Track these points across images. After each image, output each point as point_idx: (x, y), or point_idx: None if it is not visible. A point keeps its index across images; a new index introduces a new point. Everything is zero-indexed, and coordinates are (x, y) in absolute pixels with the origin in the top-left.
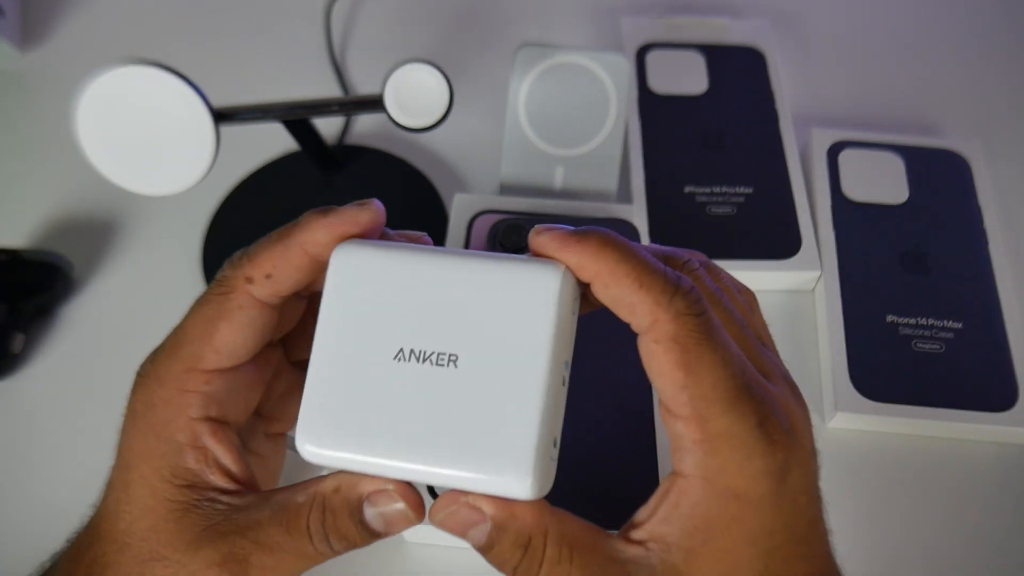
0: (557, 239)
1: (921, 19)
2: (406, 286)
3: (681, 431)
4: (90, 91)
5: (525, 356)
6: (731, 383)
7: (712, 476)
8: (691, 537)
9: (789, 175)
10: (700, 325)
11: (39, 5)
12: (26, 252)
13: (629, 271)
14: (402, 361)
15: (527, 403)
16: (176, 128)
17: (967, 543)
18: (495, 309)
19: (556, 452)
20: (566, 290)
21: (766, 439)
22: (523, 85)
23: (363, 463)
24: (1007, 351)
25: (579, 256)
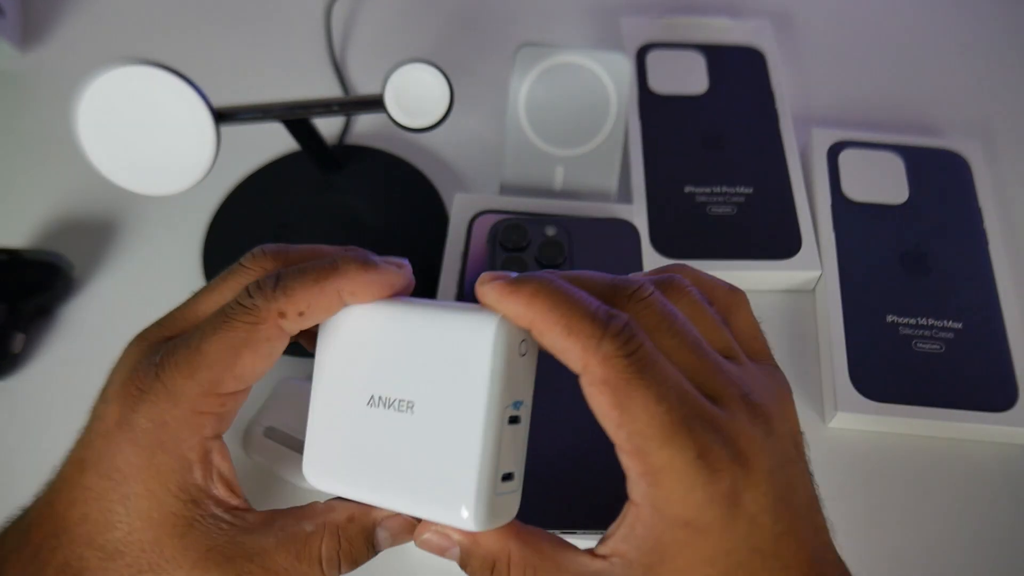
0: (495, 290)
1: (921, 19)
2: (376, 338)
3: (627, 463)
4: (90, 91)
5: (467, 400)
6: (665, 418)
7: (659, 505)
8: (648, 556)
9: (789, 175)
10: (629, 365)
11: (39, 5)
12: (26, 252)
13: (558, 319)
14: (374, 407)
15: (468, 444)
16: (176, 128)
17: (967, 543)
18: (443, 357)
19: (515, 484)
20: (503, 337)
21: (707, 469)
22: (523, 85)
23: (354, 496)
24: (1007, 351)
25: (514, 306)
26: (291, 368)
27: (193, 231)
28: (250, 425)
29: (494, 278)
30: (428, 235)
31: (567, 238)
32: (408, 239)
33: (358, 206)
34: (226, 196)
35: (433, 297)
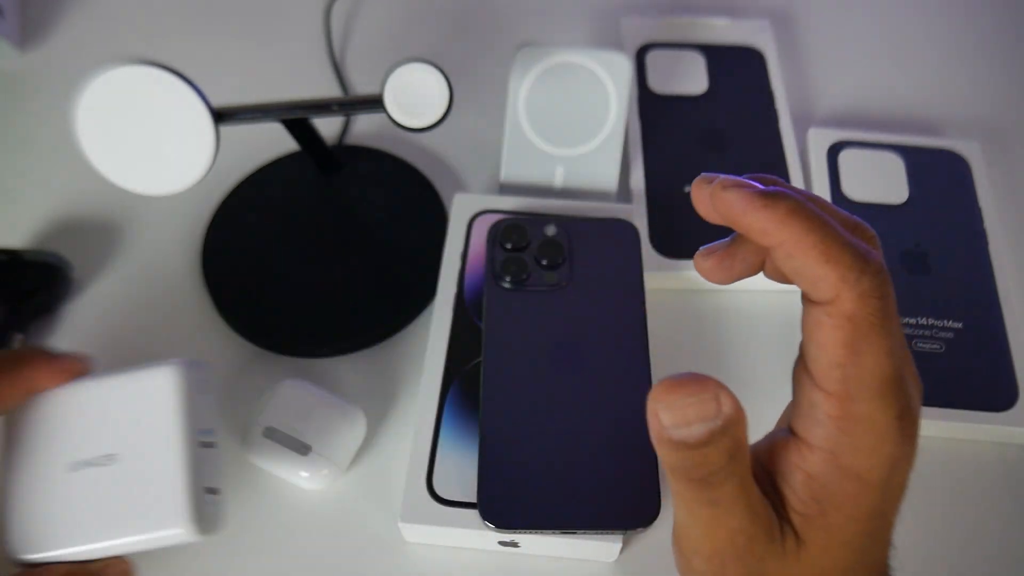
0: (744, 200)
1: (921, 19)
2: (67, 412)
3: (819, 402)
4: (90, 91)
5: (162, 438)
6: (888, 372)
7: (839, 452)
8: (806, 505)
9: (789, 175)
10: (880, 309)
11: (39, 5)
12: (26, 252)
13: (816, 242)
14: (76, 471)
15: (173, 470)
16: (176, 128)
17: (966, 543)
18: (134, 409)
19: (220, 497)
20: (182, 377)
21: (900, 431)
22: (523, 85)
23: (73, 554)
24: (1007, 351)
25: (764, 222)
26: (291, 368)
27: (193, 231)
28: (249, 425)
29: (739, 185)
30: (428, 235)
31: (567, 238)
32: (408, 239)
33: (358, 206)
34: (226, 196)
35: (433, 296)
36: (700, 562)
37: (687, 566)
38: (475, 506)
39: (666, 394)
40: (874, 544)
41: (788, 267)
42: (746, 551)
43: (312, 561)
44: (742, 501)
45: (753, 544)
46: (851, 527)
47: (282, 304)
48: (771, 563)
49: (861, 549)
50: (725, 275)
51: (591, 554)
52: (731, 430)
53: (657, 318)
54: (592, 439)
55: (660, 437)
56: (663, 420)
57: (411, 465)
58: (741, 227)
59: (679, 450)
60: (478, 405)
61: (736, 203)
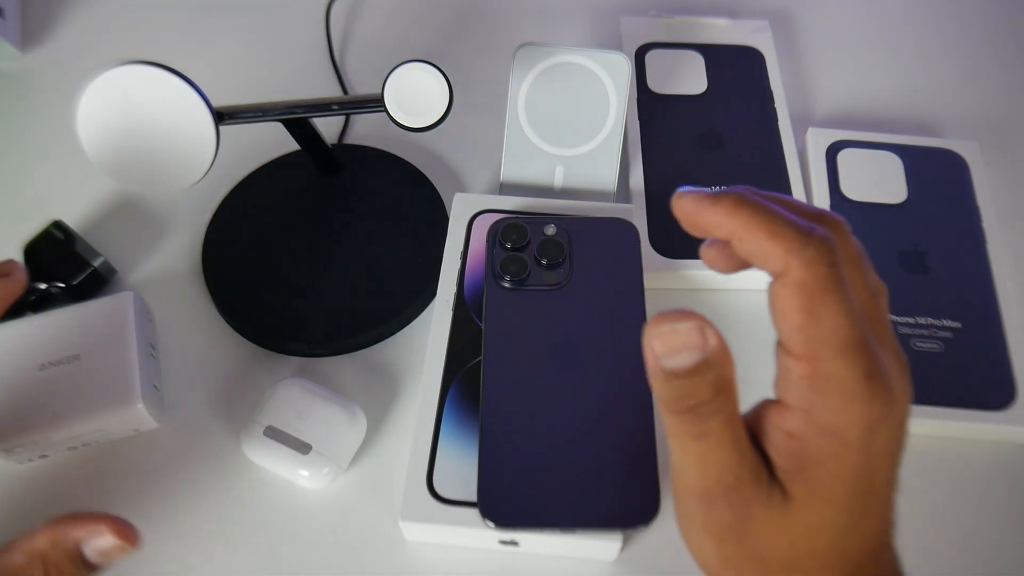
0: (694, 202)
1: (920, 19)
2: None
3: (790, 366)
4: (91, 90)
5: (119, 343)
6: (848, 332)
7: (813, 410)
8: (786, 460)
9: (788, 175)
10: (828, 274)
11: (39, 5)
12: (79, 242)
13: (761, 224)
14: (45, 370)
15: (127, 367)
16: (177, 127)
17: (964, 541)
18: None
19: (160, 394)
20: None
21: (868, 390)
22: (523, 85)
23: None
24: (1005, 350)
25: (714, 215)
26: (291, 367)
27: (193, 230)
28: (250, 424)
29: (692, 192)
30: (428, 235)
31: (567, 238)
32: (408, 239)
33: (358, 206)
34: (226, 195)
35: (433, 295)
36: (692, 501)
37: (683, 509)
38: (475, 505)
39: (657, 324)
40: (865, 512)
41: (744, 252)
42: (734, 491)
43: (312, 560)
44: (729, 438)
45: (741, 484)
46: (834, 485)
47: (282, 303)
48: (758, 509)
49: (848, 512)
50: (726, 264)
51: (591, 553)
52: (717, 364)
53: None
54: (592, 438)
55: (654, 370)
56: (655, 348)
57: (411, 464)
58: (700, 226)
59: (669, 380)
60: (478, 404)
61: (689, 205)
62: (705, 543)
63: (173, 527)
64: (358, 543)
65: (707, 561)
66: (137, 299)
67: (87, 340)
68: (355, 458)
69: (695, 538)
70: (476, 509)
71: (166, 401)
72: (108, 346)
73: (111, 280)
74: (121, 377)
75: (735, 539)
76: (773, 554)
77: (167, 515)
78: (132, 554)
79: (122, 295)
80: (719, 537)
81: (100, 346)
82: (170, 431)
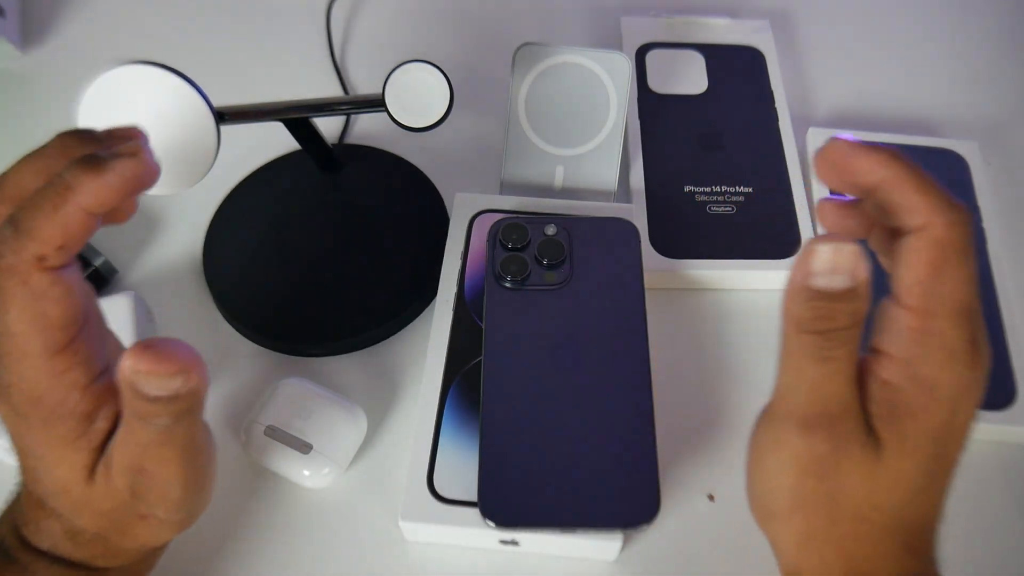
0: (850, 148)
1: (920, 19)
2: None
3: (900, 317)
4: (92, 90)
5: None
6: (965, 296)
7: (914, 361)
8: (880, 408)
9: (789, 175)
10: (964, 241)
11: (39, 5)
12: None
13: (913, 179)
14: None
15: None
16: (178, 128)
17: (963, 542)
18: None
19: None
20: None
21: (970, 354)
22: (523, 84)
23: None
24: (1005, 349)
25: (869, 162)
26: (292, 367)
27: (194, 230)
28: (250, 424)
29: (848, 137)
30: (428, 235)
31: (567, 237)
32: (408, 238)
33: (358, 206)
34: (227, 195)
35: (433, 295)
36: (791, 426)
37: (771, 435)
38: (476, 504)
39: (820, 241)
40: (934, 479)
41: (889, 201)
42: (839, 423)
43: (313, 559)
44: (849, 370)
45: (846, 419)
46: (921, 439)
47: (283, 303)
48: (855, 448)
49: (926, 472)
50: (839, 224)
51: (591, 552)
52: (861, 297)
53: (657, 318)
54: (592, 438)
55: (798, 286)
56: (813, 264)
57: (412, 464)
58: (851, 170)
59: (814, 299)
60: (479, 404)
61: (846, 148)
62: (786, 475)
63: None
64: (358, 543)
65: (776, 496)
66: (138, 299)
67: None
68: (355, 458)
69: (775, 467)
70: (476, 509)
71: None
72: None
73: (112, 280)
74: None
75: (820, 475)
76: (848, 500)
77: None
78: None
79: (123, 295)
80: (804, 469)
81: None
82: None
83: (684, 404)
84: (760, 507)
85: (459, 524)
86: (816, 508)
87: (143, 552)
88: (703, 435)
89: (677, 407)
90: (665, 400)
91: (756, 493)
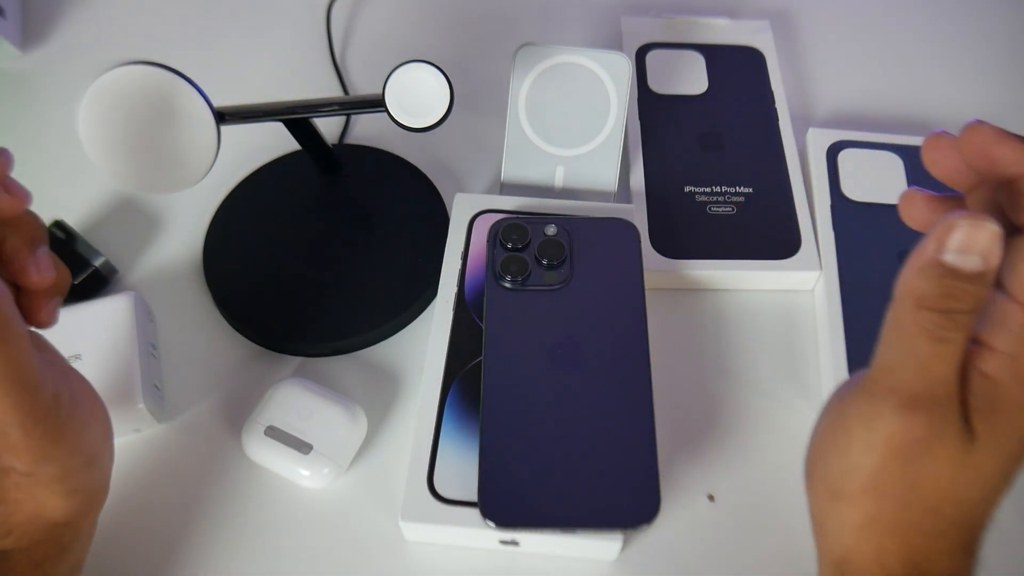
0: (995, 135)
1: (920, 19)
2: None
3: (1011, 311)
4: (93, 91)
5: (121, 343)
6: None
7: (1020, 358)
8: (978, 400)
9: (789, 175)
10: None
11: (39, 5)
12: (80, 242)
13: None
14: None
15: (129, 366)
16: (178, 128)
17: None
18: (97, 324)
19: (161, 393)
20: (137, 305)
21: None
22: (523, 85)
23: None
24: None
25: (1015, 152)
26: (292, 367)
27: (194, 230)
28: (250, 424)
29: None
30: (428, 235)
31: (567, 238)
32: (408, 239)
33: (358, 206)
34: (227, 195)
35: (433, 295)
36: (891, 406)
37: (862, 411)
38: (476, 505)
39: (964, 217)
40: (1010, 481)
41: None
42: (941, 406)
43: (313, 559)
44: (959, 354)
45: (949, 403)
46: (1013, 438)
47: (283, 303)
48: (950, 434)
49: (1009, 474)
50: (924, 218)
51: (591, 553)
52: (988, 281)
53: (657, 318)
54: (592, 438)
55: (928, 261)
56: (951, 241)
57: (412, 464)
58: (993, 158)
59: (942, 276)
60: (479, 404)
61: (990, 135)
62: (872, 453)
63: (173, 527)
64: (358, 543)
65: (853, 474)
66: (138, 299)
67: (88, 340)
68: (356, 458)
69: (862, 443)
70: (476, 509)
71: (167, 401)
72: (109, 346)
73: (112, 280)
74: (122, 377)
75: (909, 458)
76: (929, 489)
77: (167, 515)
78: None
79: (123, 295)
80: (894, 450)
81: (101, 346)
82: (171, 431)
83: (684, 404)
84: (826, 485)
85: (459, 524)
86: (893, 492)
87: (41, 529)
88: (703, 435)
89: (677, 407)
90: (665, 400)
91: (826, 470)
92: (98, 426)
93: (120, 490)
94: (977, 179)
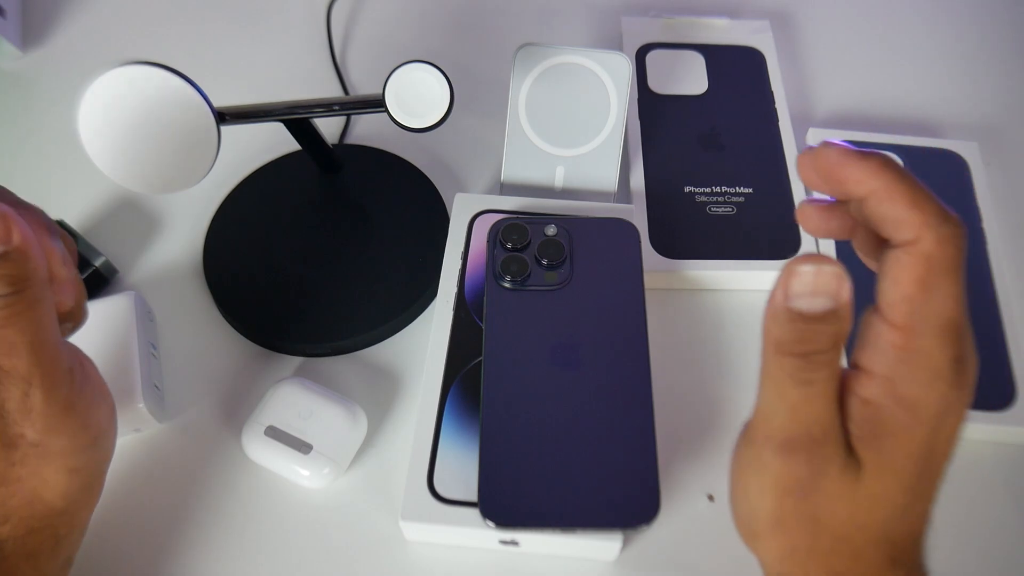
0: (840, 155)
1: (920, 20)
2: None
3: (884, 333)
4: (92, 91)
5: (122, 344)
6: (952, 314)
7: (896, 380)
8: (860, 427)
9: (789, 175)
10: (955, 257)
11: (39, 5)
12: (80, 241)
13: (904, 190)
14: None
15: (129, 367)
16: (178, 128)
17: (963, 543)
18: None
19: (161, 393)
20: (138, 306)
21: (955, 374)
22: (523, 85)
23: None
24: (1005, 350)
25: (860, 172)
26: (292, 367)
27: (195, 231)
28: (250, 424)
29: (839, 144)
30: (428, 235)
31: (567, 238)
32: (408, 239)
33: (358, 206)
34: (227, 196)
35: (434, 295)
36: (771, 449)
37: (751, 456)
38: (476, 505)
39: (800, 262)
40: (918, 498)
41: (878, 213)
42: (819, 446)
43: (313, 560)
44: (830, 392)
45: (826, 441)
46: (903, 459)
47: (283, 303)
48: (834, 469)
49: (909, 491)
50: (822, 227)
51: (591, 553)
52: (843, 319)
53: (657, 318)
54: (592, 438)
55: (778, 308)
56: (792, 287)
57: (412, 464)
58: (839, 178)
59: (793, 321)
60: (479, 404)
61: (835, 156)
62: (765, 496)
63: (173, 527)
64: (358, 543)
65: (757, 516)
66: (138, 299)
67: (88, 339)
68: (355, 458)
69: (756, 488)
70: (476, 509)
71: (167, 401)
72: (109, 346)
73: (112, 280)
74: (122, 377)
75: (800, 496)
76: (830, 519)
77: (167, 514)
78: None
79: (123, 295)
80: (785, 490)
81: (101, 346)
82: (171, 431)
83: (684, 404)
84: (743, 526)
85: (459, 524)
86: (798, 527)
87: (38, 516)
88: (703, 435)
89: (677, 407)
90: (665, 400)
91: (739, 512)
92: (105, 407)
93: (120, 489)
94: (852, 221)
